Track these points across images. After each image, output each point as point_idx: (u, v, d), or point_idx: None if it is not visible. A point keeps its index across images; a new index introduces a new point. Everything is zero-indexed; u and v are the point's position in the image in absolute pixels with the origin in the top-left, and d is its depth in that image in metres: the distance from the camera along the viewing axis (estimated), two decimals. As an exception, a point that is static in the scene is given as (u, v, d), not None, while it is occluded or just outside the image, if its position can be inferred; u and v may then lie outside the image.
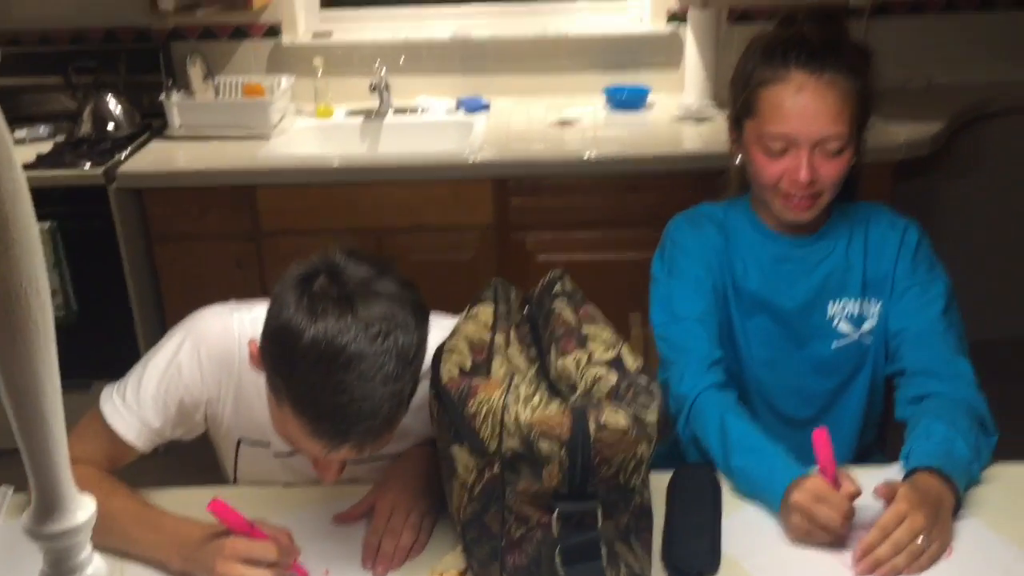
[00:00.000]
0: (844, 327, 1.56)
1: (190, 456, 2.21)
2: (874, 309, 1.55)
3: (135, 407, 1.33)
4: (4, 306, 0.64)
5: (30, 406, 0.67)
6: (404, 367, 1.12)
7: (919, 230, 1.58)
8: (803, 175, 1.44)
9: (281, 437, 1.23)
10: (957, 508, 1.28)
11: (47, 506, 0.70)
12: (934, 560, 1.21)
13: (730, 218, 1.60)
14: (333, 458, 1.19)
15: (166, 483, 1.44)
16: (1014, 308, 3.01)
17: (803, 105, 1.43)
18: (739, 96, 1.52)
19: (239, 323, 1.36)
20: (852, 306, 1.56)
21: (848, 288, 1.56)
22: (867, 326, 1.56)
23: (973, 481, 1.34)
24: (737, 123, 1.54)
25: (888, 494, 1.25)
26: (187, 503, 1.31)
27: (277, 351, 1.12)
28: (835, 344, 1.57)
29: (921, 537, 1.20)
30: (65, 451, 0.70)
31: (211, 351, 1.35)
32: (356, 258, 1.16)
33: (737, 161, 1.57)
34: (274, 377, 1.14)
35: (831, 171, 1.46)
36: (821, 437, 1.25)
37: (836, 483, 1.24)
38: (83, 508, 0.71)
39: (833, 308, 1.56)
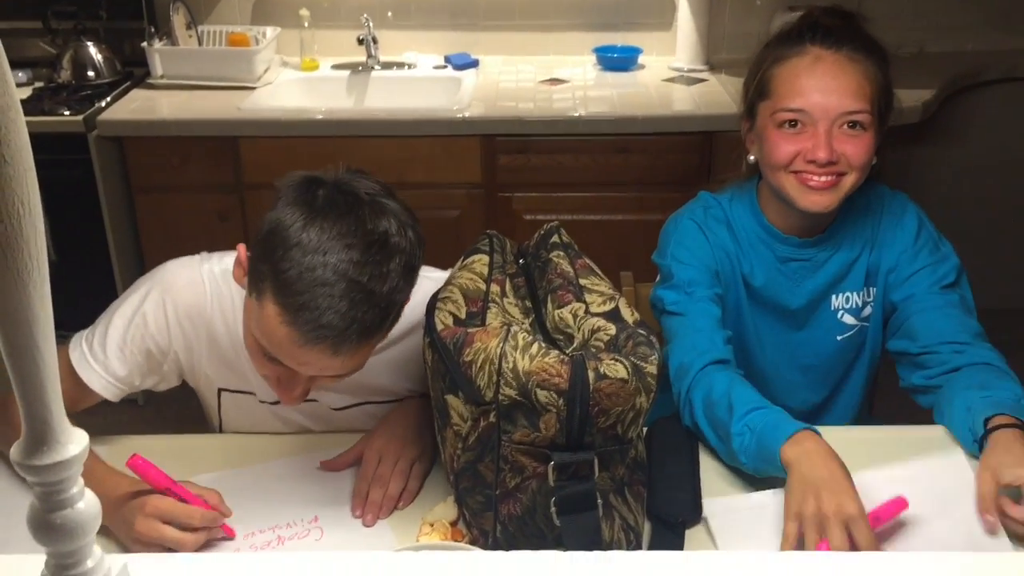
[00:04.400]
0: (848, 319, 1.53)
1: (171, 407, 2.19)
2: (872, 295, 1.53)
3: (101, 356, 1.31)
4: (-5, 227, 0.61)
5: (21, 332, 0.64)
6: (395, 282, 1.10)
7: (917, 212, 1.53)
8: (821, 153, 1.36)
9: (253, 357, 1.19)
10: None
11: (37, 438, 0.67)
12: None
13: (735, 214, 1.53)
14: (302, 368, 1.14)
15: (144, 433, 1.42)
16: (1001, 278, 3.02)
17: (820, 77, 1.37)
18: (752, 83, 1.47)
19: (209, 274, 1.34)
20: (855, 297, 1.53)
21: (852, 281, 1.52)
22: (867, 311, 1.54)
23: None
24: (750, 112, 1.48)
25: (990, 504, 1.17)
26: (163, 449, 1.30)
27: (271, 240, 1.09)
28: (840, 336, 1.54)
29: None
30: (57, 382, 0.67)
31: (178, 301, 1.33)
32: (364, 175, 1.16)
33: (751, 157, 1.49)
34: (260, 265, 1.11)
35: (854, 149, 1.38)
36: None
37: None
38: (75, 441, 0.69)
39: (837, 301, 1.53)
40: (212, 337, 1.35)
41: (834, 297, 1.53)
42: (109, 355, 1.31)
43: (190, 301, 1.33)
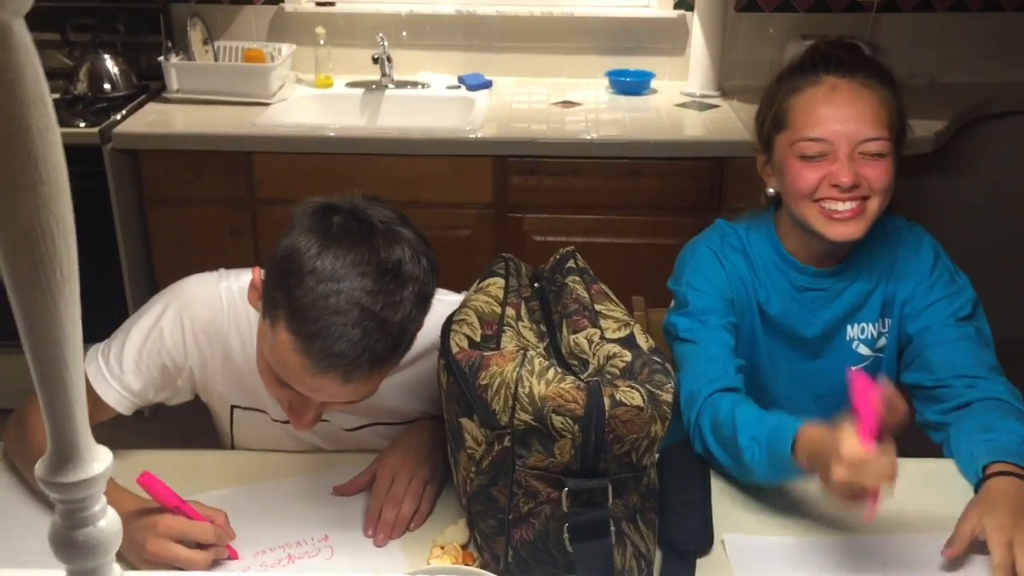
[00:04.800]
0: (863, 350, 1.53)
1: (178, 421, 2.19)
2: (888, 326, 1.53)
3: (117, 371, 1.32)
4: (29, 245, 0.61)
5: (51, 351, 0.64)
6: (409, 311, 1.10)
7: (933, 245, 1.53)
8: (845, 178, 1.36)
9: (265, 380, 1.19)
10: None
11: (63, 455, 0.68)
12: None
13: (752, 243, 1.53)
14: (313, 395, 1.14)
15: (151, 447, 1.43)
16: (1011, 310, 3.02)
17: (838, 106, 1.38)
18: (767, 116, 1.47)
19: (227, 291, 1.35)
20: (870, 328, 1.52)
21: (868, 312, 1.52)
22: (881, 342, 1.53)
23: None
24: (767, 144, 1.48)
25: (959, 548, 1.18)
26: (173, 465, 1.30)
27: (285, 266, 1.09)
28: (855, 367, 1.53)
29: None
30: (84, 401, 0.68)
31: (195, 317, 1.33)
32: (379, 202, 1.16)
33: (771, 190, 1.49)
34: (273, 292, 1.11)
35: (875, 174, 1.38)
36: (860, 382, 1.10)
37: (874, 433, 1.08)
38: (100, 459, 0.69)
39: (852, 331, 1.52)
40: (227, 354, 1.35)
41: (849, 327, 1.52)
42: (125, 369, 1.32)
43: (207, 317, 1.33)
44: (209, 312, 1.34)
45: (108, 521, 0.71)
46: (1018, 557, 1.14)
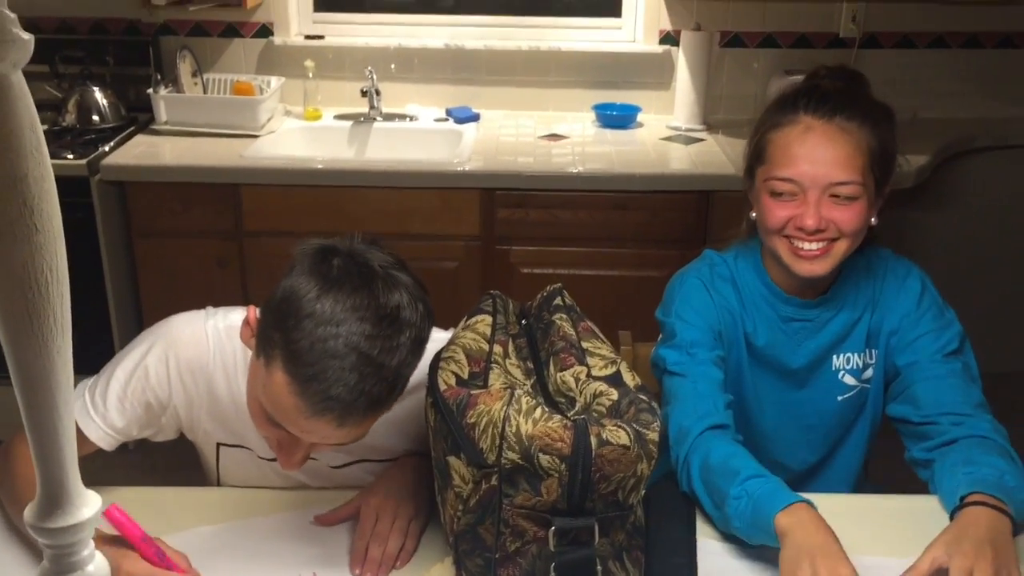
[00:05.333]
0: (849, 379, 1.54)
1: (160, 456, 2.18)
2: (874, 356, 1.54)
3: (101, 408, 1.32)
4: (23, 293, 0.62)
5: (43, 396, 0.65)
6: (405, 357, 1.11)
7: (921, 277, 1.55)
8: (809, 221, 1.39)
9: (256, 419, 1.19)
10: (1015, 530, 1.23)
11: (52, 500, 0.68)
12: None
13: (740, 272, 1.54)
14: (305, 436, 1.15)
15: (133, 482, 1.42)
16: (993, 343, 3.05)
17: (810, 148, 1.39)
18: (751, 146, 1.50)
19: (213, 330, 1.35)
20: (856, 359, 1.53)
21: (853, 342, 1.53)
22: (868, 374, 1.55)
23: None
24: (750, 173, 1.51)
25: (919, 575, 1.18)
26: (159, 501, 1.31)
27: (284, 308, 1.10)
28: (841, 397, 1.55)
29: None
30: (74, 446, 0.68)
31: (181, 356, 1.33)
32: (378, 246, 1.17)
33: (753, 214, 1.51)
34: (270, 332, 1.11)
35: (844, 217, 1.40)
36: None
37: None
38: (89, 504, 0.70)
39: (838, 361, 1.53)
40: (212, 392, 1.35)
41: (835, 357, 1.53)
42: (109, 407, 1.32)
43: (192, 356, 1.34)
44: (195, 351, 1.34)
45: (96, 566, 0.72)
46: None
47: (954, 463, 1.34)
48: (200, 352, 1.34)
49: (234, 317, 1.35)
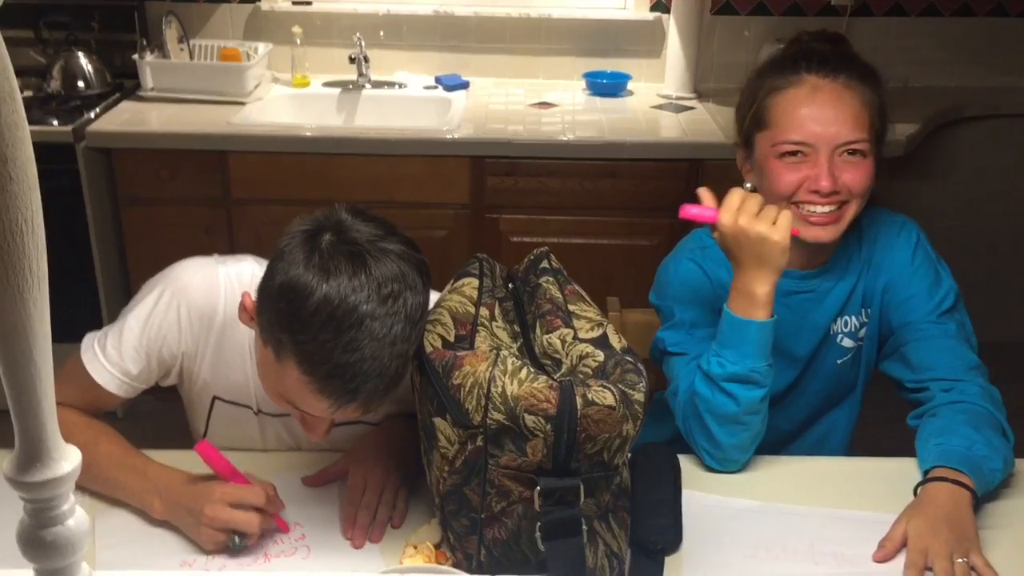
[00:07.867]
0: (847, 342, 1.53)
1: (151, 421, 2.18)
2: (868, 315, 1.53)
3: (116, 358, 1.32)
4: (-2, 244, 0.61)
5: (19, 349, 0.64)
6: (412, 327, 1.11)
7: (915, 231, 1.53)
8: (824, 183, 1.37)
9: (271, 395, 1.20)
10: (977, 503, 1.24)
11: (31, 455, 0.68)
12: (984, 563, 1.18)
13: None
14: (333, 416, 1.16)
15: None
16: (983, 311, 3.05)
17: (819, 108, 1.38)
18: (747, 113, 1.46)
19: (225, 277, 1.34)
20: (853, 321, 1.52)
21: (851, 306, 1.52)
22: (863, 332, 1.54)
23: (996, 479, 1.30)
24: (747, 141, 1.48)
25: (890, 551, 1.21)
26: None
27: (284, 308, 1.09)
28: (839, 360, 1.54)
29: (957, 558, 1.16)
30: (52, 399, 0.67)
31: (192, 304, 1.32)
32: (362, 217, 1.15)
33: (748, 185, 1.47)
34: (277, 333, 1.11)
35: (855, 178, 1.39)
36: None
37: None
38: (68, 459, 0.69)
39: (836, 326, 1.52)
40: (220, 344, 1.34)
41: (833, 323, 1.52)
42: (124, 357, 1.32)
43: (203, 304, 1.33)
44: (206, 298, 1.33)
45: (76, 520, 0.71)
46: (933, 565, 1.16)
47: (929, 433, 1.35)
48: (211, 300, 1.33)
49: (245, 265, 1.35)
